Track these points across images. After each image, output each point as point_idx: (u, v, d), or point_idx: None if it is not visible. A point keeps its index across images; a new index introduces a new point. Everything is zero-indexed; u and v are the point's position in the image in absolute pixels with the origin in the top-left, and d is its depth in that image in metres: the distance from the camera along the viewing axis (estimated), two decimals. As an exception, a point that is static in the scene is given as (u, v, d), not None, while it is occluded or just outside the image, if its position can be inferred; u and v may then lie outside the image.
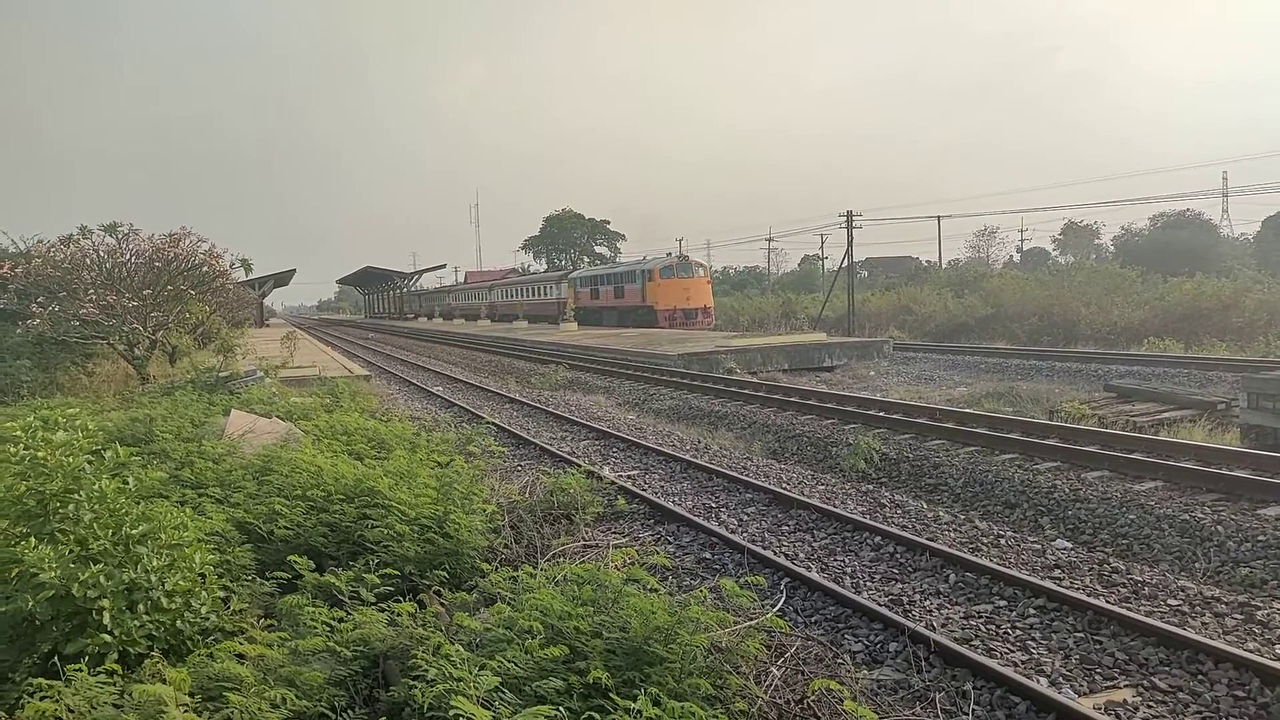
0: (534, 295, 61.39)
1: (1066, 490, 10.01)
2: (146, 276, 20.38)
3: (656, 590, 5.32)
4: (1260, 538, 8.04)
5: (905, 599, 6.85)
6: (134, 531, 5.28)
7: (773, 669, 4.99)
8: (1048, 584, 6.81)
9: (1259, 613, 6.31)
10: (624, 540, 8.43)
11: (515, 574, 5.90)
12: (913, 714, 4.87)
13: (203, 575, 5.37)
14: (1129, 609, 6.36)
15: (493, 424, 15.22)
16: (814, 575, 7.26)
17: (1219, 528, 8.39)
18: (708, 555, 8.11)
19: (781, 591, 6.93)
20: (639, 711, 3.64)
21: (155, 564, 5.10)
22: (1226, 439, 13.38)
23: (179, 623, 5.00)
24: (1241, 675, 5.29)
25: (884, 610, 6.39)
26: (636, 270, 44.94)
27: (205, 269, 21.96)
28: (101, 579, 4.70)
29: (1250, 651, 5.59)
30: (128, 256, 20.58)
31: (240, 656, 4.54)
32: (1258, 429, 12.63)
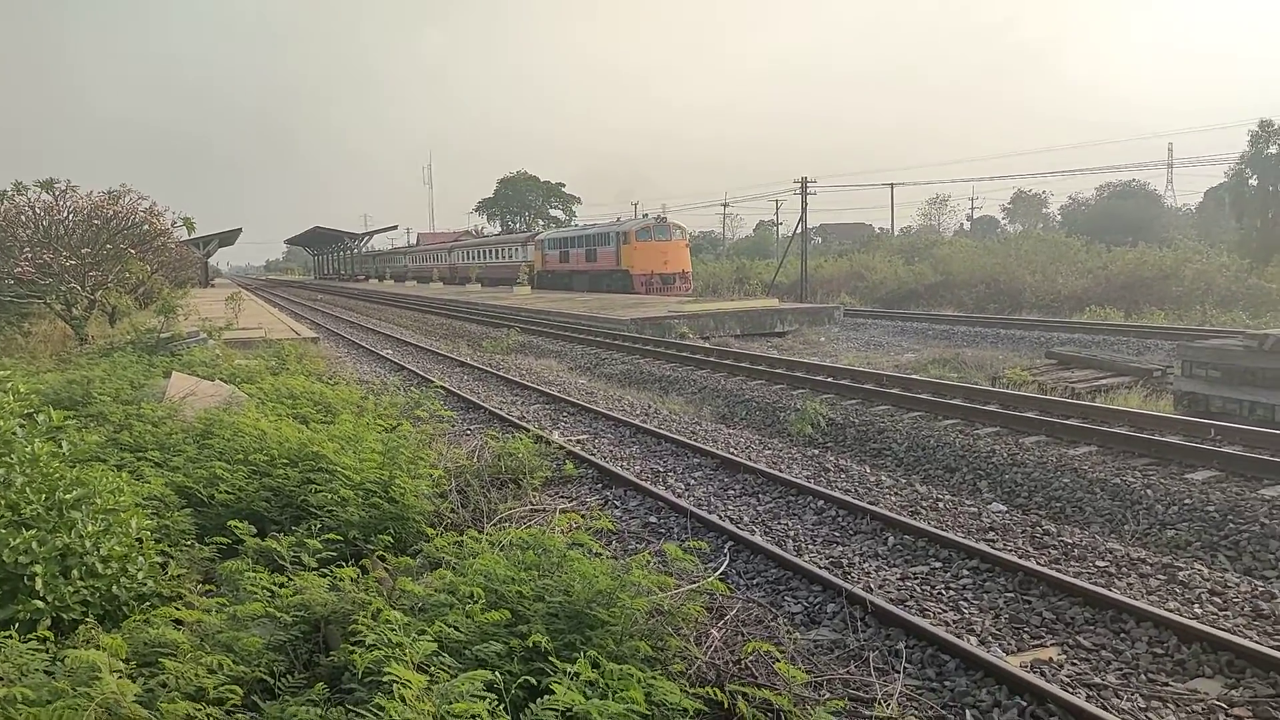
0: (498, 257, 59.14)
1: (1004, 455, 10.27)
2: (85, 235, 19.84)
3: (600, 555, 5.37)
4: (1187, 501, 8.34)
5: (845, 561, 7.00)
6: (68, 496, 5.19)
7: (713, 631, 5.08)
8: (982, 546, 7.00)
9: (1181, 573, 6.56)
10: (571, 505, 8.48)
11: (461, 539, 5.90)
12: (847, 673, 5.00)
13: (140, 540, 5.30)
14: (1058, 570, 6.57)
15: (442, 388, 15.14)
16: (757, 539, 7.38)
17: (1148, 491, 8.68)
18: (654, 519, 8.19)
19: (725, 555, 7.04)
20: (577, 674, 3.69)
21: (90, 529, 5.02)
22: (1160, 405, 13.79)
23: (115, 588, 4.94)
24: (1161, 634, 5.51)
25: (823, 573, 6.53)
26: (611, 232, 42.76)
27: (146, 227, 21.41)
28: (34, 544, 4.62)
29: (1170, 611, 5.81)
30: (65, 214, 20.02)
31: (178, 622, 4.51)
32: (1190, 395, 13.03)
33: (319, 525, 6.18)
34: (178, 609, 4.66)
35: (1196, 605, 6.04)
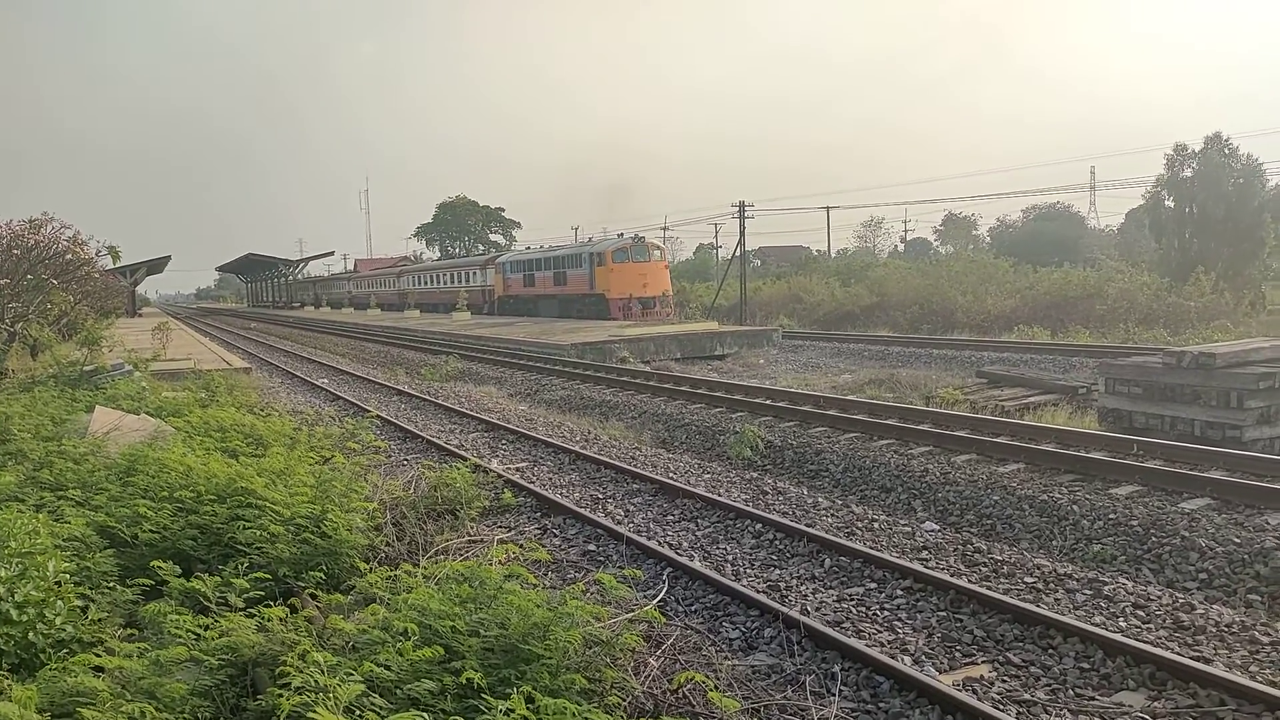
0: (454, 282, 55.25)
1: (937, 474, 10.47)
2: (3, 264, 19.20)
3: (536, 585, 5.34)
4: (1111, 515, 8.58)
5: (783, 584, 7.05)
6: (-20, 541, 5.01)
7: (651, 660, 5.08)
8: (915, 565, 7.12)
9: (1106, 587, 6.74)
10: (509, 535, 8.41)
11: (394, 573, 5.81)
12: (784, 697, 5.03)
13: (58, 584, 5.13)
14: (988, 588, 6.71)
15: (379, 417, 14.92)
16: (696, 564, 7.41)
17: (1074, 507, 8.91)
18: (592, 548, 8.17)
19: (664, 581, 7.04)
20: (510, 710, 3.65)
21: (3, 574, 4.86)
22: (1085, 422, 14.20)
23: (30, 635, 4.77)
24: (1087, 648, 5.65)
25: (761, 597, 6.57)
26: (583, 253, 39.63)
27: (69, 256, 20.81)
28: (-58, 593, 4.44)
29: (1096, 625, 5.97)
30: (-18, 243, 19.35)
31: (98, 669, 4.36)
32: (1114, 412, 13.43)
33: (247, 563, 6.04)
34: (98, 655, 4.51)
35: (1121, 619, 6.21)
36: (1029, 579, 6.99)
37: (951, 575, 6.98)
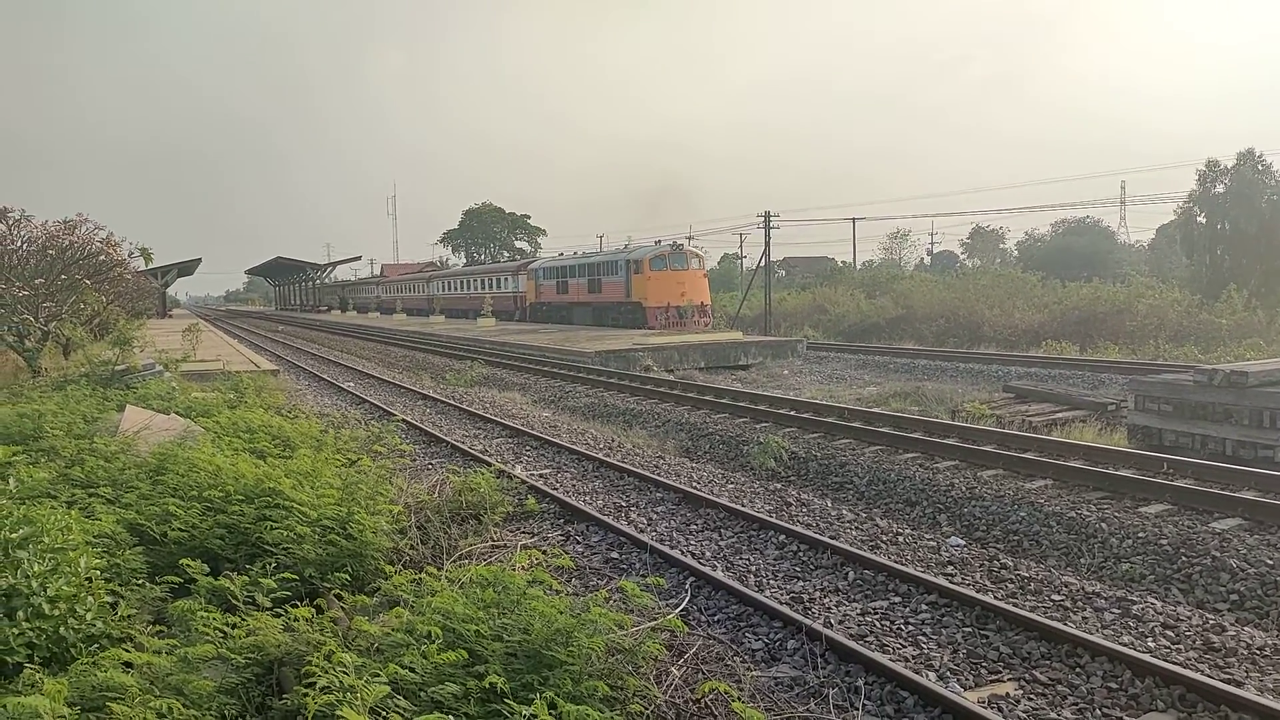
0: (483, 288, 54.84)
1: (963, 488, 10.38)
2: (39, 265, 19.52)
3: (560, 592, 5.35)
4: (1140, 534, 8.47)
5: (806, 596, 7.02)
6: (14, 535, 5.08)
7: (673, 669, 5.07)
8: (940, 580, 7.06)
9: (1135, 607, 6.65)
10: (532, 540, 8.43)
11: (419, 576, 5.85)
12: (807, 710, 5.00)
13: (89, 580, 5.19)
14: (1015, 604, 6.64)
15: (404, 421, 15.02)
16: (719, 574, 7.38)
17: (1103, 525, 8.80)
18: (615, 555, 8.16)
19: (687, 590, 7.03)
20: (533, 715, 3.66)
21: (37, 569, 4.91)
22: (1114, 439, 14.04)
23: (62, 630, 4.82)
24: (1115, 668, 5.57)
25: (784, 609, 6.54)
26: (619, 260, 38.26)
27: (102, 257, 21.11)
28: (-24, 586, 4.51)
29: (1125, 645, 5.89)
30: (19, 243, 19.68)
31: (127, 665, 4.41)
32: (1143, 430, 13.28)
33: (274, 563, 6.09)
34: (127, 651, 4.55)
35: (1150, 639, 6.13)
36: (1056, 596, 6.91)
37: (977, 591, 6.92)
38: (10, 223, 19.39)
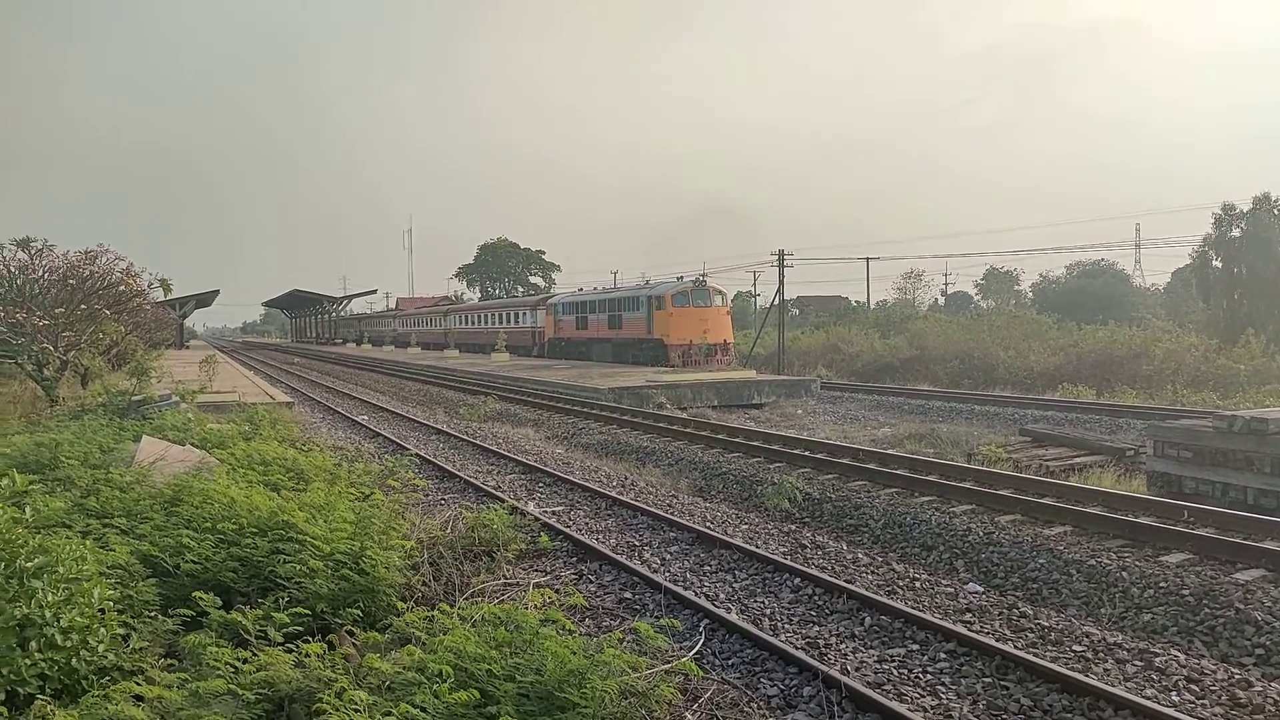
0: (499, 322, 54.96)
1: (980, 533, 10.26)
2: (59, 294, 19.72)
3: (573, 632, 5.29)
4: (1162, 584, 8.34)
5: (822, 641, 6.92)
6: (29, 564, 5.08)
7: (687, 714, 5.00)
8: (959, 628, 6.95)
9: (1157, 659, 6.52)
10: (545, 579, 8.36)
11: (431, 613, 5.80)
12: (824, 759, 4.91)
13: (102, 611, 5.18)
14: (1035, 654, 6.52)
15: (418, 455, 15.00)
16: (733, 617, 7.29)
17: (1123, 574, 8.67)
18: (629, 595, 8.08)
19: (701, 633, 6.94)
20: (547, 760, 3.60)
21: (51, 599, 4.90)
22: (1134, 485, 13.87)
23: (74, 661, 4.80)
24: (1139, 721, 5.45)
25: (800, 653, 6.44)
26: (640, 296, 37.64)
27: (122, 288, 21.32)
28: (-10, 616, 4.49)
29: (1148, 699, 5.77)
30: (40, 273, 19.91)
31: (138, 698, 4.38)
32: (1163, 476, 13.12)
33: (287, 597, 6.06)
34: (138, 684, 4.52)
35: (1174, 692, 6.00)
36: (1077, 647, 6.78)
37: (997, 640, 6.80)
38: (33, 252, 19.63)
